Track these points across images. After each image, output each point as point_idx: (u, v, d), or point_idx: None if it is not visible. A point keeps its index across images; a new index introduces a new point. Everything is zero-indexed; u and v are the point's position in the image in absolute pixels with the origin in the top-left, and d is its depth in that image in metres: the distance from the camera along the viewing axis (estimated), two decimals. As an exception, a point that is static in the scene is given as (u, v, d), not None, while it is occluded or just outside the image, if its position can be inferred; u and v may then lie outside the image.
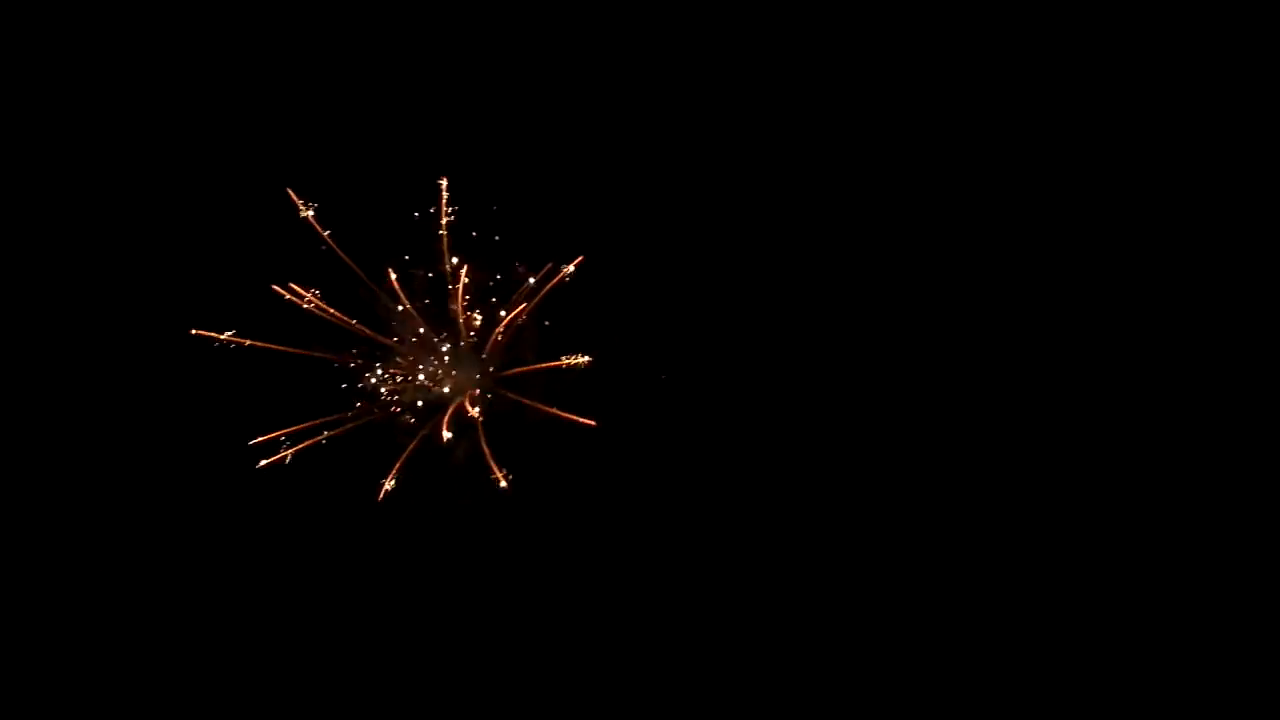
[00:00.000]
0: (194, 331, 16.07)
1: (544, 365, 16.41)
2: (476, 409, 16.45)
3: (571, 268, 16.26)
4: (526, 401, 16.53)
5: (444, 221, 16.24)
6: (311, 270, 16.28)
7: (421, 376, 16.77)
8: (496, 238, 16.61)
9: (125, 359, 16.66)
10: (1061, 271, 16.61)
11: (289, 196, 16.14)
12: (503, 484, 16.14)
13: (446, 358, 16.84)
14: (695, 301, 17.06)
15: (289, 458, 16.04)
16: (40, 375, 16.71)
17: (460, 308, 16.62)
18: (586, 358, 16.06)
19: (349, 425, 16.41)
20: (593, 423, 16.13)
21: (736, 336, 17.08)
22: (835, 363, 16.92)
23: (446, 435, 16.23)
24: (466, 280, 16.45)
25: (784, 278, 17.16)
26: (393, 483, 16.14)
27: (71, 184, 16.91)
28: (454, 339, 16.84)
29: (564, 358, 16.18)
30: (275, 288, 16.23)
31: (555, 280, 16.37)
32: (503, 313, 16.62)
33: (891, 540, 16.54)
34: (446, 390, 16.75)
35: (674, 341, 17.00)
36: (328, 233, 16.18)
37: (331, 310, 16.39)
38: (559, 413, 16.22)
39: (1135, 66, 16.37)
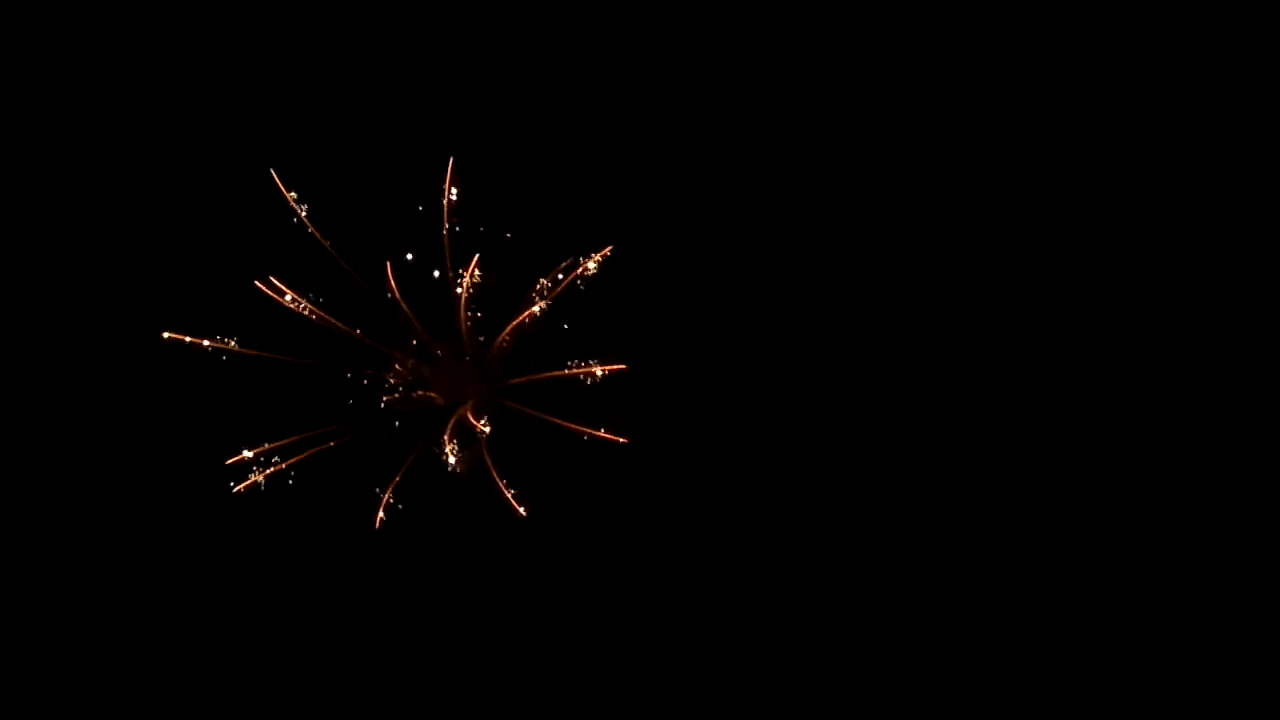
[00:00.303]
0: (167, 335, 15.34)
1: (556, 374, 15.70)
2: (482, 421, 15.67)
3: (592, 265, 15.44)
4: (533, 413, 15.89)
5: (446, 228, 15.49)
6: (301, 269, 15.64)
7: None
8: (508, 235, 15.83)
9: (106, 366, 16.16)
10: (1063, 271, 16.40)
11: (277, 186, 15.42)
12: (520, 511, 15.51)
13: (450, 364, 16.28)
14: (719, 304, 16.48)
15: (290, 473, 15.54)
16: (14, 383, 16.27)
17: (465, 310, 15.82)
18: (613, 366, 15.28)
19: (343, 439, 15.83)
20: (624, 439, 15.41)
21: (758, 341, 16.51)
22: (864, 369, 16.47)
23: (450, 449, 15.58)
24: (473, 280, 15.57)
25: (807, 281, 16.65)
26: (391, 500, 15.56)
27: (48, 181, 16.46)
28: (458, 344, 16.19)
29: (570, 364, 15.50)
30: (259, 285, 15.44)
31: (572, 276, 15.58)
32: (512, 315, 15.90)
33: (920, 555, 16.17)
34: (448, 400, 16.24)
35: (696, 347, 16.42)
36: (328, 240, 15.59)
37: (324, 313, 15.72)
38: (581, 428, 15.54)
39: (1135, 67, 16.23)
